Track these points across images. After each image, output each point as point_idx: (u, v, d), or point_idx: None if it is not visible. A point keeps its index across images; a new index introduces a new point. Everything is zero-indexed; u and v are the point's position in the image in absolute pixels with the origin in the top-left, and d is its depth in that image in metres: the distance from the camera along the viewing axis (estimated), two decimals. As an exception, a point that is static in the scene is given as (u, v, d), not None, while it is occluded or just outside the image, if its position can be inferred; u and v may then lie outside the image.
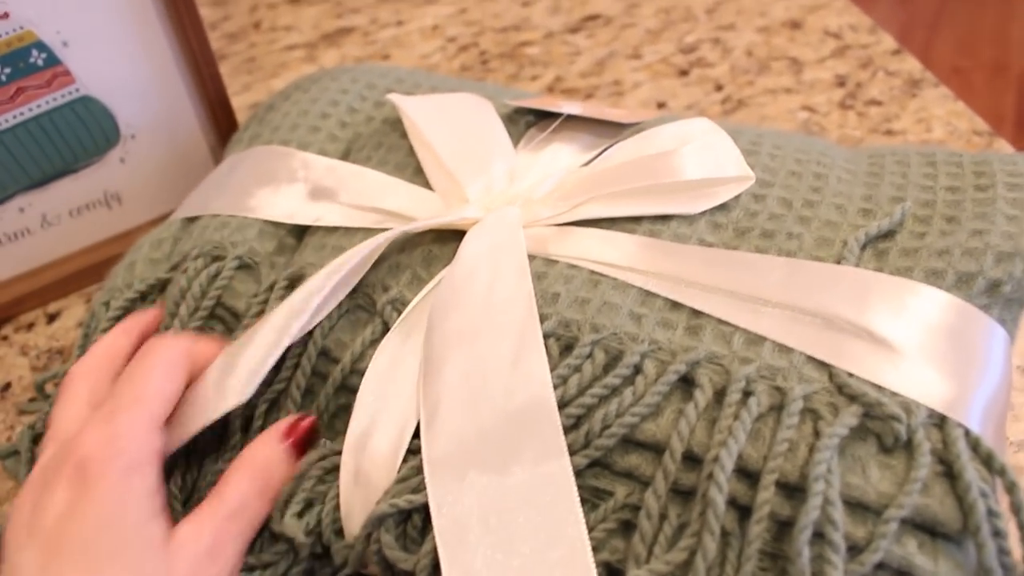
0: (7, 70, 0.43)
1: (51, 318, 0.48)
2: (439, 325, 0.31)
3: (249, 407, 0.32)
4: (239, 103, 0.61)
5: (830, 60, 0.59)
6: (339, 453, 0.31)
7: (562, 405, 0.28)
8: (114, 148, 0.48)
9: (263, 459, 0.30)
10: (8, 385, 0.44)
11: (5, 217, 0.47)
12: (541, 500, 0.26)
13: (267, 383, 0.33)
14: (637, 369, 0.29)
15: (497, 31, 0.65)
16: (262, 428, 0.32)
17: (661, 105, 0.56)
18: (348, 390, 0.32)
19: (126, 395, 0.29)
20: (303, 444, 0.31)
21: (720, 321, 0.30)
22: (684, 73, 0.59)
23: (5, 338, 0.47)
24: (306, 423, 0.31)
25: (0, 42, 0.42)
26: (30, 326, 0.47)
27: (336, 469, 0.31)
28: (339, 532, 0.30)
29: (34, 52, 0.43)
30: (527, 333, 0.30)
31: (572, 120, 0.41)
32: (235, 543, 0.28)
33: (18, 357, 0.46)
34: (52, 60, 0.44)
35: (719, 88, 0.57)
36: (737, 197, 0.35)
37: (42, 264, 0.49)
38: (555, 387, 0.29)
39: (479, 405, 0.28)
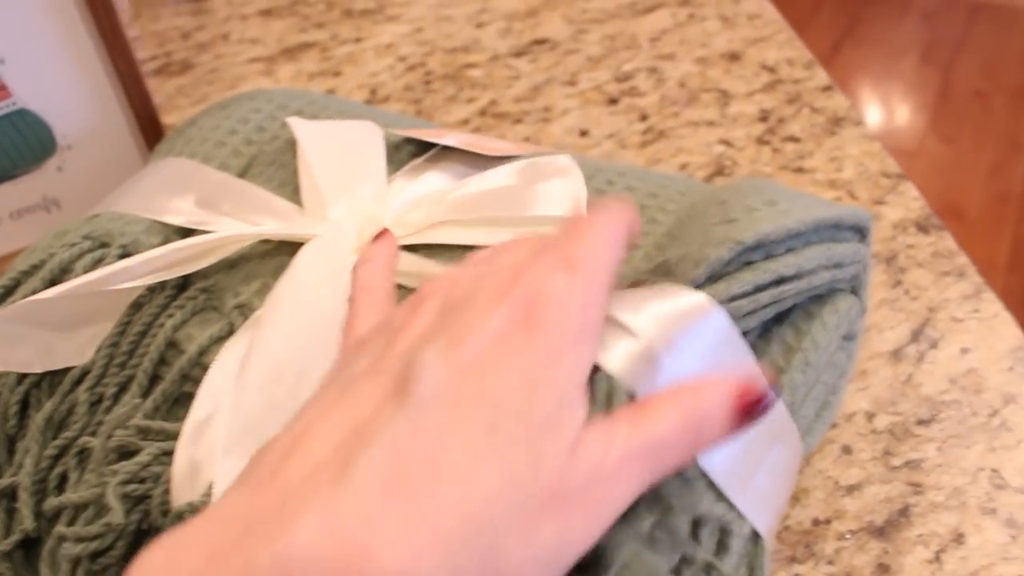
0: (-56, 84, 0.46)
1: (-15, 313, 0.51)
2: (265, 324, 0.34)
3: (101, 385, 0.36)
4: (194, 113, 0.64)
5: (759, 94, 0.60)
6: (176, 438, 0.33)
7: None
8: (51, 157, 0.52)
9: (704, 409, 0.24)
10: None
11: (-56, 217, 0.50)
12: None
13: (120, 367, 0.36)
14: None
15: (447, 51, 0.67)
16: (111, 407, 0.35)
17: (584, 133, 0.58)
18: (191, 380, 0.35)
19: (585, 254, 0.25)
20: (747, 414, 0.24)
21: None
22: (613, 101, 0.60)
23: (-60, 330, 0.51)
24: (760, 391, 0.24)
25: (-63, 59, 0.46)
26: (-36, 320, 0.51)
27: (171, 453, 0.33)
28: (166, 514, 0.32)
29: (-29, 68, 0.47)
30: (334, 346, 0.32)
31: (452, 151, 0.43)
32: (634, 483, 0.23)
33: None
34: (-11, 76, 0.47)
35: (644, 118, 0.58)
36: None
37: (-17, 262, 0.53)
38: None
39: (276, 399, 0.31)
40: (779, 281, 0.31)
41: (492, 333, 0.22)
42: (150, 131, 0.53)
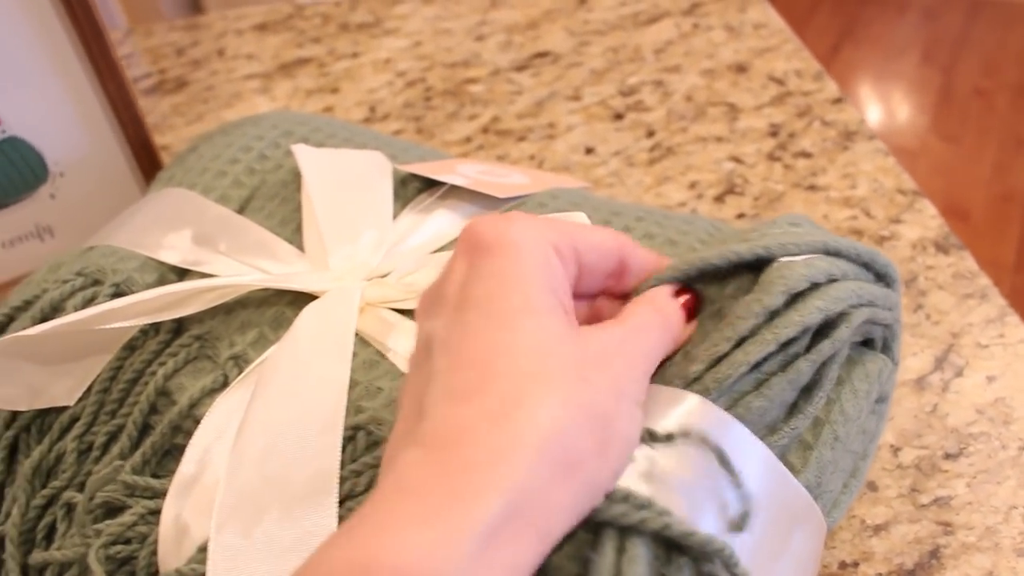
0: (-71, 113, 0.45)
1: (-24, 347, 0.50)
2: (262, 390, 0.32)
3: (91, 434, 0.34)
4: (190, 133, 0.62)
5: (768, 108, 0.58)
6: (164, 495, 0.32)
7: (349, 497, 0.30)
8: (44, 185, 0.50)
9: (664, 302, 0.29)
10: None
11: (-67, 249, 0.49)
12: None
13: (111, 414, 0.34)
14: None
15: (446, 66, 0.65)
16: (100, 457, 0.34)
17: (590, 150, 0.56)
18: (183, 432, 0.33)
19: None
20: (690, 312, 0.30)
21: None
22: (619, 117, 0.59)
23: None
24: (690, 294, 0.30)
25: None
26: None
27: (159, 512, 0.32)
28: (154, 575, 0.31)
29: (-41, 96, 0.45)
30: (333, 416, 0.31)
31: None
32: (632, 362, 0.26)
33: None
34: (-24, 104, 0.46)
35: (651, 134, 0.57)
36: None
37: (-25, 292, 0.51)
38: (345, 479, 0.30)
39: (271, 472, 0.30)
40: (825, 321, 0.29)
41: (461, 276, 0.26)
42: (143, 155, 0.51)
